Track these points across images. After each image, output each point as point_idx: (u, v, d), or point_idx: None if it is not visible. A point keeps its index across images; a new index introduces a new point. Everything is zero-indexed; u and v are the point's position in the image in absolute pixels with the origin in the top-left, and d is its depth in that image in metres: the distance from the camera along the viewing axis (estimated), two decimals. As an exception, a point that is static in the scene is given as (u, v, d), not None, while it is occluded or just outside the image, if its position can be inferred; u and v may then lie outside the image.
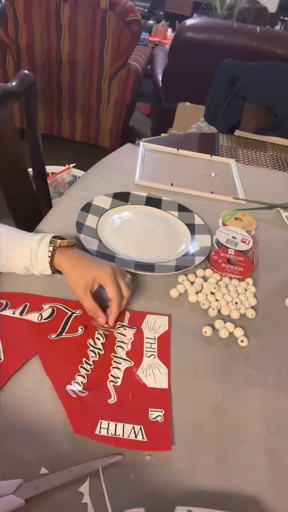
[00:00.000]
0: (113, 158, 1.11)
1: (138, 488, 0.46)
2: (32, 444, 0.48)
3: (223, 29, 2.12)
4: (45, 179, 1.22)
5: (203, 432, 0.53)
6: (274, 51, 2.08)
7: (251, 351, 0.65)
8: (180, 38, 2.14)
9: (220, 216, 0.94)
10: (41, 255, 0.63)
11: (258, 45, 2.08)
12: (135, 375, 0.57)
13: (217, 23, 2.26)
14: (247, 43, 2.09)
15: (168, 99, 2.42)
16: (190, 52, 2.18)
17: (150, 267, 0.74)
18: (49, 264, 0.63)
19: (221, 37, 2.09)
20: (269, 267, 0.82)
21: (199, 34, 2.10)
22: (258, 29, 2.11)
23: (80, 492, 0.45)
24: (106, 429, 0.50)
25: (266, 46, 2.08)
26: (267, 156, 1.30)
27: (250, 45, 2.08)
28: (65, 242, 0.63)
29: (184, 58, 2.22)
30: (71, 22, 2.09)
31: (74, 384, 0.54)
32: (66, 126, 2.54)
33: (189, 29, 2.11)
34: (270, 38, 2.09)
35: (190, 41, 2.12)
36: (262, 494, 0.48)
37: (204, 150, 1.22)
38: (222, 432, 0.53)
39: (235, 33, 2.10)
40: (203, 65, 2.05)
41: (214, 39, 2.10)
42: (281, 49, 2.07)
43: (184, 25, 2.13)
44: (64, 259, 0.63)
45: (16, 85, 0.94)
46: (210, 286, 0.73)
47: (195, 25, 2.13)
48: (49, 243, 0.63)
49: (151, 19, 3.75)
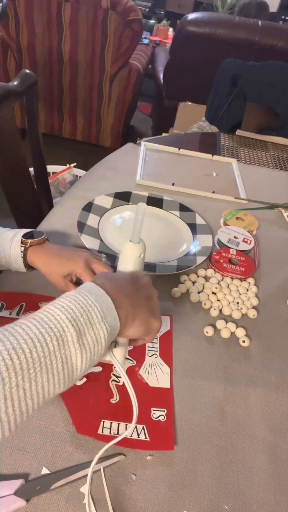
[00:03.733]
0: (114, 158, 1.11)
1: (140, 489, 0.46)
2: (34, 444, 0.48)
3: (224, 23, 2.11)
4: (46, 179, 1.22)
5: (205, 432, 0.53)
6: (275, 44, 2.07)
7: (252, 351, 0.65)
8: (182, 32, 2.13)
9: (221, 216, 0.94)
10: (14, 254, 0.63)
11: (260, 39, 2.07)
12: (137, 374, 0.57)
13: (219, 17, 2.25)
14: (248, 37, 2.08)
15: (169, 96, 2.41)
16: (191, 46, 2.17)
17: (152, 267, 0.74)
18: (23, 263, 0.63)
19: (223, 31, 2.09)
20: (270, 267, 0.82)
21: (201, 28, 2.10)
22: (260, 22, 2.10)
23: (81, 492, 0.45)
24: (108, 429, 0.50)
25: (268, 40, 2.07)
26: (269, 156, 1.30)
27: (252, 39, 2.08)
28: (35, 241, 0.62)
29: (186, 52, 2.21)
30: (72, 21, 2.09)
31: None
32: (67, 125, 2.54)
33: (191, 23, 2.10)
34: (272, 32, 2.08)
35: (192, 35, 2.11)
36: (264, 494, 0.48)
37: (206, 149, 1.22)
38: (224, 432, 0.53)
39: (236, 27, 2.09)
40: (204, 59, 2.04)
41: (215, 32, 2.09)
42: (282, 42, 2.07)
43: (186, 19, 2.12)
44: (36, 257, 0.62)
45: (17, 84, 0.94)
46: (212, 286, 0.73)
47: (197, 19, 2.12)
48: (20, 243, 0.63)
49: (152, 18, 3.75)
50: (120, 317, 0.42)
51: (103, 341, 0.39)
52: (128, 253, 0.51)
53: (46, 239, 0.64)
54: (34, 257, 0.63)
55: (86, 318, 0.38)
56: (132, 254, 0.51)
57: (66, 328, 0.37)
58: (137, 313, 0.45)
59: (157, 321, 0.49)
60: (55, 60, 2.26)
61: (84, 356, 0.38)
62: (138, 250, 0.51)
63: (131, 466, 0.48)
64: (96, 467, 0.46)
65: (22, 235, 0.63)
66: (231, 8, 3.17)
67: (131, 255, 0.51)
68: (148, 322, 0.47)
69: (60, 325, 0.37)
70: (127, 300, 0.44)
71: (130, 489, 0.46)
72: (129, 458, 0.48)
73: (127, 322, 0.44)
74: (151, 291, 0.50)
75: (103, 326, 0.39)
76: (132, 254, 0.51)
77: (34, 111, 1.04)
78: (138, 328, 0.46)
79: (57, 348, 0.35)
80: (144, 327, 0.47)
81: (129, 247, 0.51)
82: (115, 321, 0.41)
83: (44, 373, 0.34)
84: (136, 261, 0.51)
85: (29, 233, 0.64)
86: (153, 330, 0.49)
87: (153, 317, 0.48)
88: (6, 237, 0.64)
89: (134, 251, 0.51)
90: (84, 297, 0.40)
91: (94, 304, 0.40)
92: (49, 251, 0.63)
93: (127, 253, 0.51)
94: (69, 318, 0.37)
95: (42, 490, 0.44)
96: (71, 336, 0.36)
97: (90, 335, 0.38)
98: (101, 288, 0.42)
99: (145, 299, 0.48)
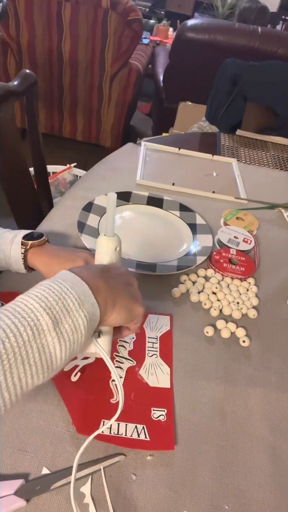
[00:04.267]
0: (114, 158, 1.11)
1: (140, 488, 0.46)
2: (34, 444, 0.48)
3: (224, 30, 2.12)
4: (46, 179, 1.22)
5: (205, 431, 0.53)
6: (275, 51, 2.08)
7: (253, 351, 0.65)
8: (181, 38, 2.14)
9: (221, 215, 0.94)
10: (14, 256, 0.63)
11: (259, 45, 2.08)
12: (137, 374, 0.57)
13: (218, 24, 2.26)
14: (248, 44, 2.09)
15: (169, 99, 2.42)
16: (191, 53, 2.18)
17: (152, 266, 0.74)
18: (23, 264, 0.63)
19: (223, 38, 2.09)
20: (271, 267, 0.82)
21: (200, 34, 2.10)
22: (260, 29, 2.11)
23: (81, 492, 0.45)
24: (109, 429, 0.50)
25: (268, 46, 2.08)
26: (269, 156, 1.30)
27: (251, 46, 2.09)
28: (35, 242, 0.63)
29: (185, 58, 2.22)
30: (72, 21, 2.09)
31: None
32: (67, 125, 2.54)
33: (190, 30, 2.11)
34: (272, 38, 2.09)
35: (191, 41, 2.12)
36: (264, 494, 0.48)
37: (206, 149, 1.22)
38: (224, 432, 0.53)
39: (236, 33, 2.10)
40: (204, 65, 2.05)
41: (215, 39, 2.10)
42: (282, 49, 2.08)
43: (185, 26, 2.13)
44: (36, 259, 0.62)
45: (17, 84, 0.94)
46: (212, 286, 0.73)
47: (196, 26, 2.13)
48: (20, 244, 0.62)
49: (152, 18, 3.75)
50: (99, 303, 0.41)
51: (82, 328, 0.38)
52: (103, 247, 0.50)
53: (47, 241, 0.65)
54: (34, 259, 0.63)
55: (62, 306, 0.37)
56: (108, 247, 0.50)
57: (41, 317, 0.36)
58: (117, 298, 0.44)
59: (140, 306, 0.47)
60: (55, 60, 2.26)
61: (62, 344, 0.36)
62: (113, 243, 0.50)
63: (131, 466, 0.48)
64: (96, 467, 0.47)
65: (22, 236, 0.63)
66: (231, 8, 3.16)
67: (106, 248, 0.50)
68: (130, 308, 0.46)
69: (34, 314, 0.35)
70: (105, 286, 0.43)
71: (130, 489, 0.46)
72: (129, 458, 0.48)
73: (106, 308, 0.43)
74: (131, 279, 0.49)
75: (81, 313, 0.38)
76: (107, 248, 0.50)
77: (34, 111, 1.04)
78: (120, 314, 0.45)
79: (32, 337, 0.34)
80: (127, 313, 0.46)
81: (103, 240, 0.50)
82: (93, 307, 0.40)
83: (20, 364, 0.33)
84: (112, 254, 0.50)
85: (29, 234, 0.64)
86: (137, 315, 0.48)
87: (135, 302, 0.47)
88: (6, 238, 0.63)
89: (109, 244, 0.50)
90: (58, 285, 0.39)
91: (70, 291, 0.39)
92: (49, 252, 0.63)
93: (102, 247, 0.50)
94: (43, 306, 0.36)
95: (42, 490, 0.44)
96: (46, 325, 0.35)
97: (68, 323, 0.37)
98: (77, 275, 0.41)
99: (125, 285, 0.47)
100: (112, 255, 0.50)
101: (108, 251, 0.50)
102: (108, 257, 0.50)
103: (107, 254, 0.50)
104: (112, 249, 0.50)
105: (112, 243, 0.50)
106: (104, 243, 0.50)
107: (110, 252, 0.50)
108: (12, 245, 0.63)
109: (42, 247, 0.63)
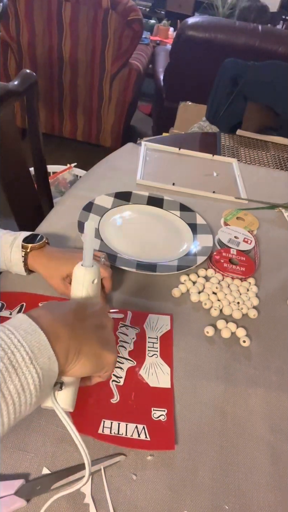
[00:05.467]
0: (115, 158, 1.11)
1: (140, 489, 0.46)
2: (34, 444, 0.48)
3: (225, 28, 2.12)
4: (46, 179, 1.22)
5: (205, 431, 0.53)
6: (276, 50, 2.08)
7: (253, 351, 0.65)
8: (182, 36, 2.14)
9: (222, 215, 0.93)
10: (14, 259, 0.63)
11: (260, 44, 2.08)
12: (137, 374, 0.57)
13: (219, 22, 2.26)
14: (249, 42, 2.09)
15: (169, 98, 2.42)
16: (192, 51, 2.18)
17: (152, 266, 0.74)
18: (24, 267, 0.63)
19: (223, 36, 2.09)
20: (271, 267, 0.82)
21: (201, 32, 2.11)
22: (260, 28, 2.11)
23: (82, 492, 0.45)
24: (109, 428, 0.50)
25: (268, 45, 2.08)
26: (269, 156, 1.29)
27: (252, 44, 2.09)
28: (36, 245, 0.63)
29: (186, 56, 2.22)
30: (72, 21, 2.09)
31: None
32: (67, 125, 2.54)
33: (190, 28, 2.11)
34: (272, 37, 2.10)
35: (191, 39, 2.12)
36: (264, 494, 0.48)
37: (206, 149, 1.22)
38: (224, 432, 0.53)
39: (237, 32, 2.10)
40: (204, 63, 2.05)
41: (216, 37, 2.10)
42: (283, 48, 2.08)
43: (186, 24, 2.13)
44: (36, 261, 0.63)
45: (17, 84, 0.94)
46: (212, 286, 0.73)
47: (197, 24, 2.13)
48: (21, 248, 0.62)
49: (153, 18, 3.75)
50: (58, 354, 0.36)
51: (32, 387, 0.33)
52: (79, 278, 0.46)
53: (47, 243, 0.65)
54: (35, 261, 0.63)
55: (8, 362, 0.32)
56: (84, 279, 0.45)
57: None
58: (82, 346, 0.38)
59: (110, 353, 0.41)
60: (55, 60, 2.26)
61: (4, 409, 0.32)
62: (90, 274, 0.45)
63: (131, 466, 0.48)
64: (96, 467, 0.47)
65: (22, 239, 0.63)
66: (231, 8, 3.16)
67: (83, 280, 0.45)
68: (98, 356, 0.40)
69: None
70: (68, 332, 0.38)
71: (131, 489, 0.46)
72: (129, 458, 0.48)
73: (68, 358, 0.37)
74: (104, 320, 0.43)
75: (32, 370, 0.33)
76: (83, 279, 0.45)
77: (34, 111, 1.04)
78: (85, 364, 0.39)
79: None
80: (93, 362, 0.40)
81: (80, 271, 0.45)
82: (50, 361, 0.35)
83: None
84: (89, 287, 0.46)
85: (29, 236, 0.64)
86: (107, 364, 0.42)
87: (104, 349, 0.41)
88: (6, 241, 0.64)
89: (86, 275, 0.45)
90: (8, 335, 0.34)
91: (21, 344, 0.34)
92: (49, 254, 0.64)
93: (78, 278, 0.46)
94: None
95: (43, 490, 0.44)
96: None
97: (13, 383, 0.32)
98: (34, 322, 0.36)
99: (94, 329, 0.41)
100: (89, 288, 0.46)
101: (85, 283, 0.45)
102: (85, 290, 0.46)
103: (83, 286, 0.46)
104: (88, 282, 0.46)
105: (89, 275, 0.45)
106: (80, 274, 0.46)
107: (87, 284, 0.46)
108: (12, 248, 0.63)
109: (42, 249, 0.63)
